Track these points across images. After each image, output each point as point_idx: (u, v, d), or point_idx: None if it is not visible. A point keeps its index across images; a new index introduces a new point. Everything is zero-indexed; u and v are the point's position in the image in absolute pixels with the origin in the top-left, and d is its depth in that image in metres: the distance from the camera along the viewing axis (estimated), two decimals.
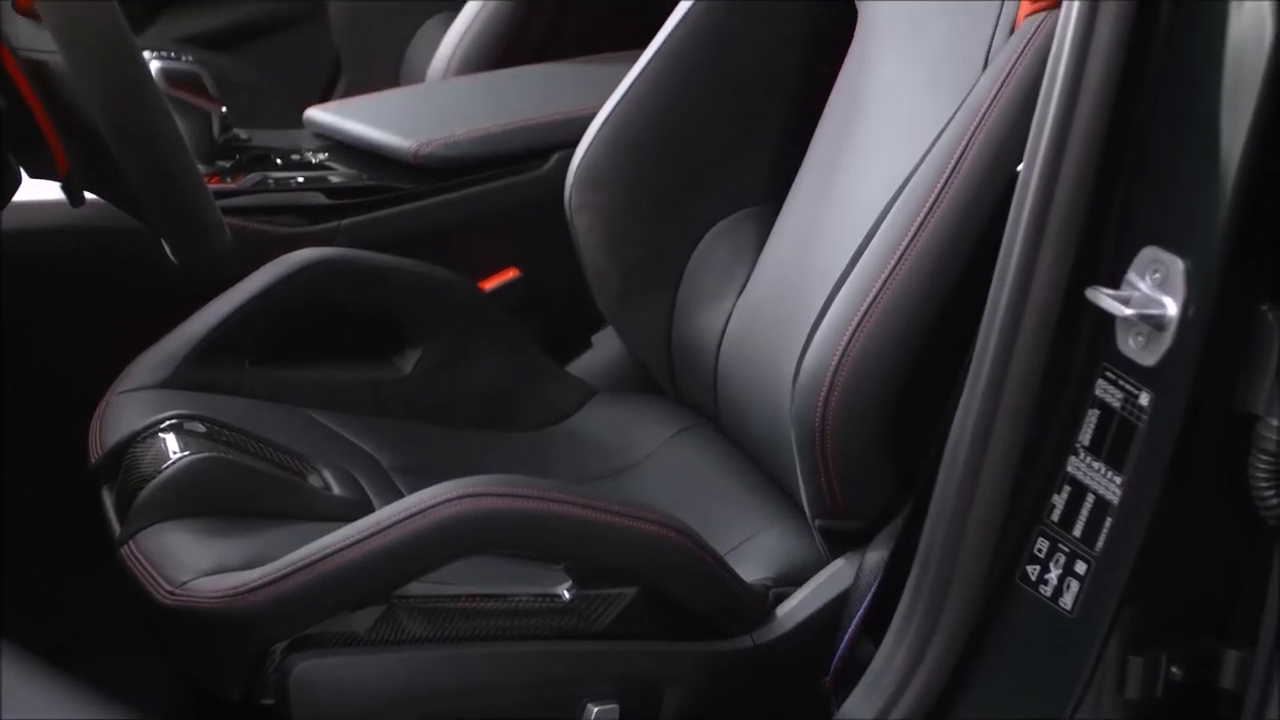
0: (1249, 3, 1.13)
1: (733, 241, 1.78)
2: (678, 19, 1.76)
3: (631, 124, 1.76)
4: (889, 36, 1.65)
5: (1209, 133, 1.15)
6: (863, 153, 1.64)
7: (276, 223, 1.94)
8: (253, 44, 2.87)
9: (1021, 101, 1.38)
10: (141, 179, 1.27)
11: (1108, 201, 1.22)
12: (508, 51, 2.34)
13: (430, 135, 2.03)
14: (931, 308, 1.42)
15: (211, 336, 1.68)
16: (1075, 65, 1.21)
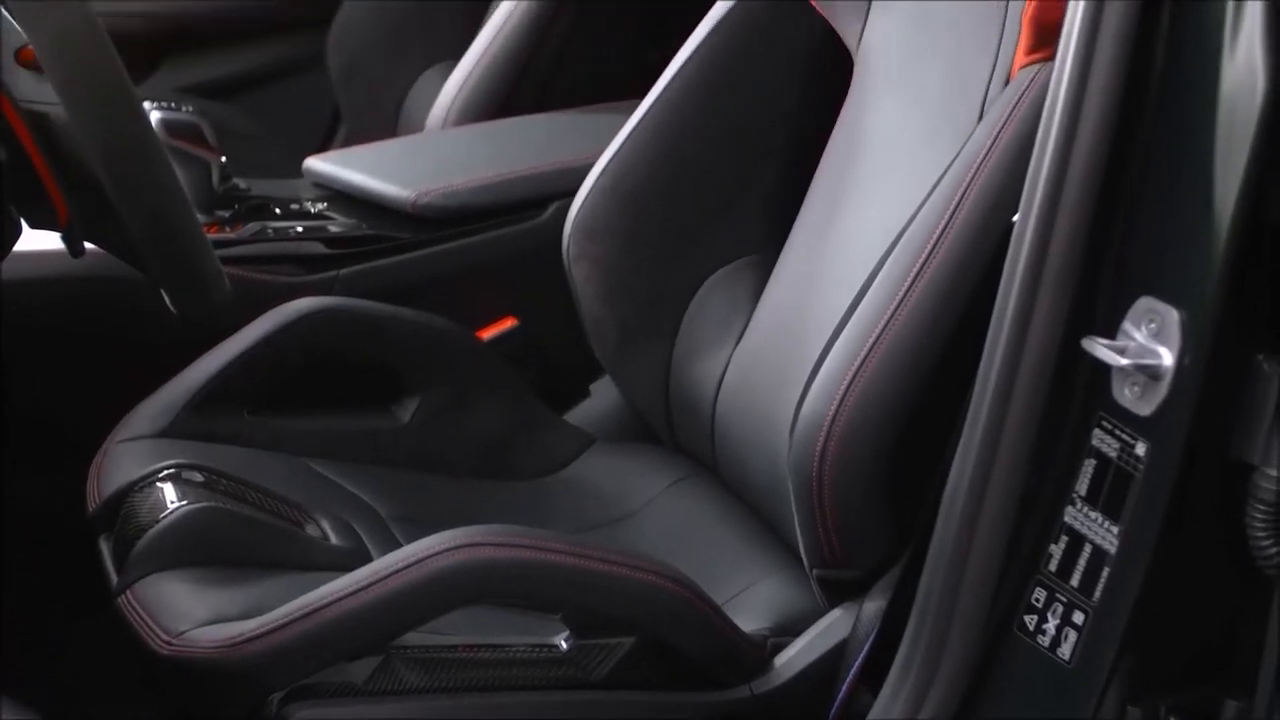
0: (1241, 54, 1.14)
1: (730, 290, 1.79)
2: (675, 68, 1.77)
3: (629, 173, 1.77)
4: (885, 86, 1.66)
5: (1203, 183, 1.16)
6: (859, 202, 1.65)
7: (275, 272, 1.94)
8: (252, 93, 2.88)
9: (1017, 152, 1.39)
10: (142, 230, 1.28)
11: (1103, 252, 1.22)
12: (506, 101, 2.35)
13: (429, 185, 2.04)
14: (928, 357, 1.42)
15: (210, 385, 1.69)
16: (1070, 116, 1.22)
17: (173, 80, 2.81)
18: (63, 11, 1.22)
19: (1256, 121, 1.12)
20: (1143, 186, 1.21)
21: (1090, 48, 1.21)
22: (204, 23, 2.87)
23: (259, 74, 2.90)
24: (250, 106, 2.85)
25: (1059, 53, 1.23)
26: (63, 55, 1.23)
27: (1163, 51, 1.20)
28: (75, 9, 1.23)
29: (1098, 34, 1.20)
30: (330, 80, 2.77)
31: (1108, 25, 1.20)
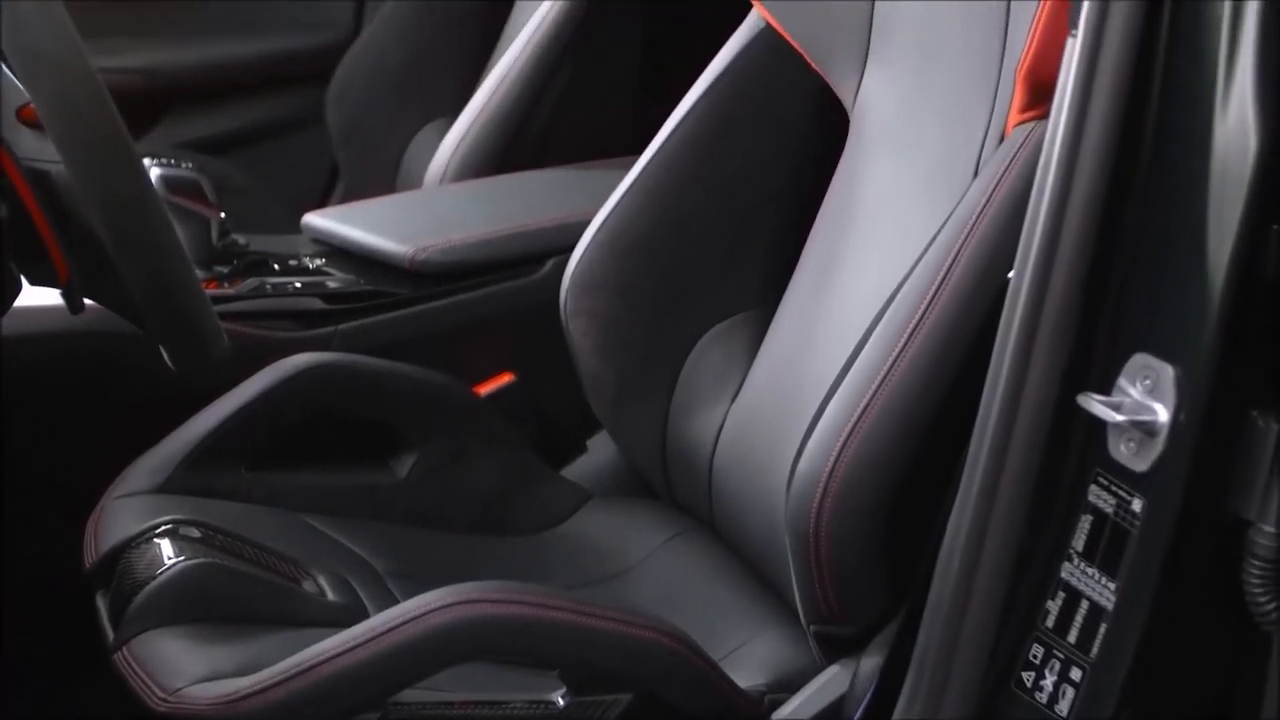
0: (1232, 112, 1.14)
1: (728, 346, 1.79)
2: (672, 125, 1.78)
3: (627, 229, 1.78)
4: (881, 143, 1.67)
5: (1197, 239, 1.17)
6: (856, 258, 1.66)
7: (273, 327, 1.95)
8: (251, 148, 2.90)
9: (1012, 209, 1.40)
10: (141, 287, 1.29)
11: (1098, 308, 1.23)
12: (504, 157, 2.36)
13: (427, 241, 2.05)
14: (925, 413, 1.42)
15: (208, 441, 1.69)
16: (1064, 174, 1.23)
17: (173, 135, 2.83)
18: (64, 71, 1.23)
19: (1249, 178, 1.13)
20: (1137, 243, 1.22)
21: (1084, 105, 1.22)
22: (204, 79, 2.88)
23: (258, 129, 2.92)
24: (249, 162, 2.86)
25: (1053, 111, 1.24)
26: (64, 114, 1.24)
27: (1155, 109, 1.21)
28: (77, 68, 1.23)
29: (1091, 92, 1.21)
30: (329, 136, 2.78)
31: (1101, 84, 1.21)
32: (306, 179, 2.87)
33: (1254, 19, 1.15)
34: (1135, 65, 1.21)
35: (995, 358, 1.26)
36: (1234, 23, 1.15)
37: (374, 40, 2.76)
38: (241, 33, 2.93)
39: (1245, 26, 1.15)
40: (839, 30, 1.69)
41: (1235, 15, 1.15)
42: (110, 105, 1.25)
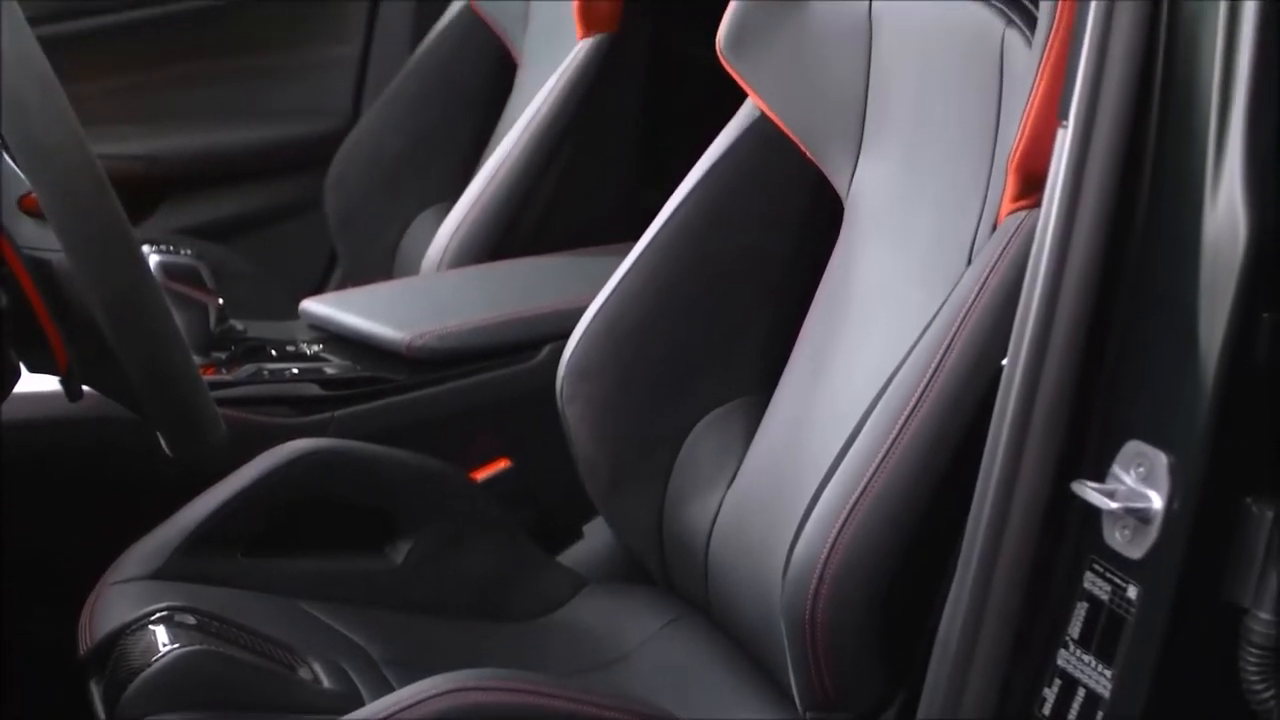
0: (1222, 201, 1.16)
1: (723, 431, 1.80)
2: (668, 212, 1.79)
3: (623, 316, 1.78)
4: (875, 231, 1.68)
5: (1188, 326, 1.17)
6: (851, 345, 1.67)
7: (270, 413, 1.95)
8: (250, 234, 2.92)
9: (1005, 297, 1.40)
10: (139, 375, 1.29)
11: (1091, 395, 1.24)
12: (501, 244, 2.38)
13: (424, 327, 2.06)
14: (920, 500, 1.43)
15: (204, 527, 1.69)
16: (1056, 262, 1.24)
17: (172, 221, 2.84)
18: (66, 161, 1.25)
19: (1239, 266, 1.14)
20: (1129, 331, 1.23)
21: (1075, 195, 1.23)
22: (203, 165, 2.91)
23: (257, 216, 2.94)
24: (247, 248, 2.88)
25: (1044, 200, 1.26)
26: (65, 204, 1.25)
27: (1146, 198, 1.22)
28: (78, 158, 1.25)
29: (1082, 182, 1.23)
30: (327, 222, 2.79)
31: (1091, 174, 1.22)
32: (304, 265, 2.89)
33: (1242, 109, 1.16)
34: (1125, 155, 1.23)
35: (989, 444, 1.26)
36: (1222, 113, 1.17)
37: (372, 127, 2.78)
38: (241, 120, 2.96)
39: (1233, 117, 1.16)
40: (833, 119, 1.71)
41: (1223, 106, 1.17)
42: (111, 195, 1.26)
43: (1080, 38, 1.24)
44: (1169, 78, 1.21)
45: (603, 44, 2.41)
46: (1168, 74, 1.22)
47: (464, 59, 2.75)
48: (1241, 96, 1.16)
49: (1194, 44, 1.20)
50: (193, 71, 2.95)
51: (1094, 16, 1.23)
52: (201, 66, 2.96)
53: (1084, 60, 1.23)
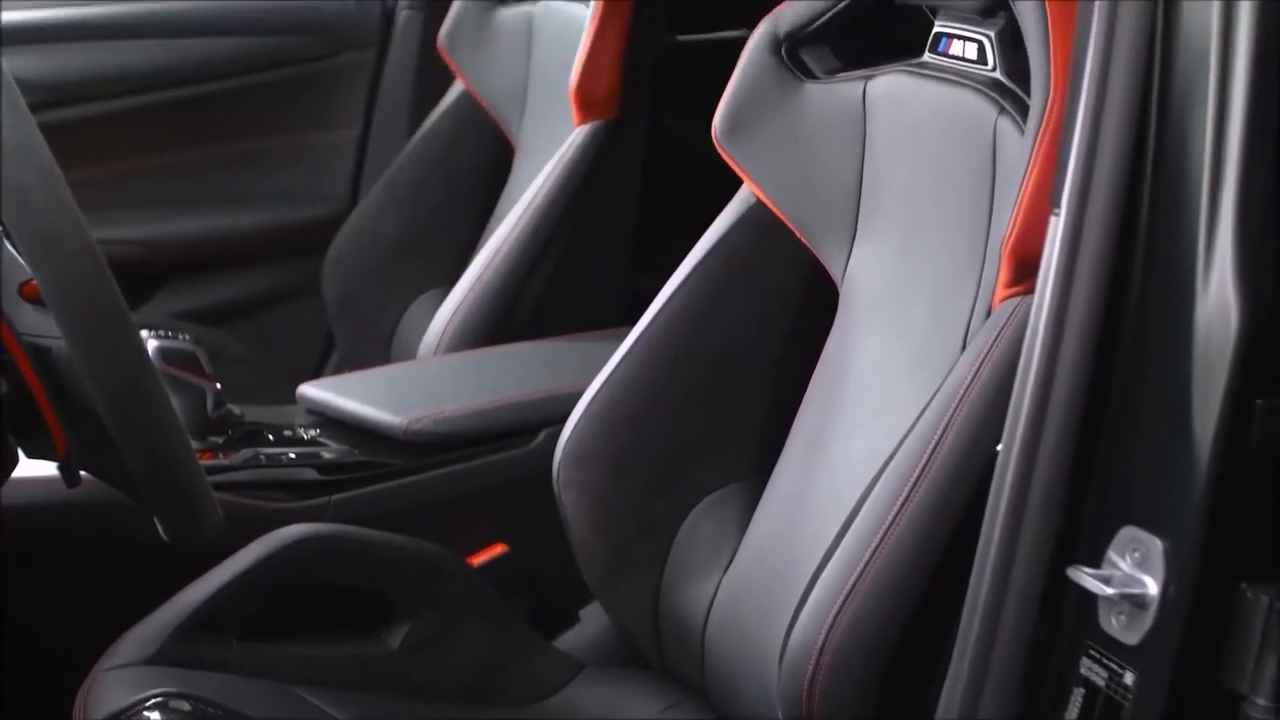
0: (1214, 287, 1.17)
1: (720, 516, 1.80)
2: (664, 298, 1.80)
3: (619, 401, 1.79)
4: (869, 317, 1.69)
5: (1182, 413, 1.18)
6: (845, 431, 1.67)
7: (267, 498, 1.95)
8: (248, 318, 2.93)
9: (999, 382, 1.41)
10: (137, 461, 1.30)
11: (1086, 481, 1.24)
12: (498, 328, 2.39)
13: (421, 412, 2.06)
14: (916, 585, 1.43)
15: (200, 613, 1.68)
16: (1050, 348, 1.24)
17: (170, 306, 2.85)
18: (67, 249, 1.25)
19: (1231, 353, 1.15)
20: (1122, 417, 1.23)
21: (1068, 282, 1.24)
22: (202, 250, 2.92)
23: (255, 300, 2.95)
24: (245, 331, 2.89)
25: (1038, 286, 1.27)
26: (66, 292, 1.26)
27: (1138, 285, 1.23)
28: (80, 246, 1.26)
29: (1074, 269, 1.24)
30: (324, 307, 2.80)
31: (1084, 261, 1.23)
32: (302, 349, 2.89)
33: (1232, 196, 1.17)
34: (1117, 242, 1.24)
35: (985, 530, 1.27)
36: (1212, 200, 1.18)
37: (370, 212, 2.80)
38: (240, 204, 2.98)
39: (1223, 204, 1.17)
40: (828, 205, 1.72)
41: (1213, 193, 1.18)
42: (112, 283, 1.27)
43: (1072, 126, 1.26)
44: (1159, 165, 1.23)
45: (599, 130, 2.43)
46: (1158, 161, 1.23)
47: (462, 144, 2.78)
48: (1231, 184, 1.17)
49: (1184, 132, 1.21)
50: (192, 157, 2.97)
51: (1085, 105, 1.24)
52: (201, 152, 2.98)
53: (1075, 148, 1.25)
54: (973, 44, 1.58)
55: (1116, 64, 1.24)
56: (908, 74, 1.65)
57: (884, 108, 1.67)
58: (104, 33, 2.93)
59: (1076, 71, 1.26)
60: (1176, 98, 1.22)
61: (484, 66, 2.74)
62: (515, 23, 2.71)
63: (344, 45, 3.00)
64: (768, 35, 1.75)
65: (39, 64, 2.80)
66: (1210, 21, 1.19)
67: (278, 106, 3.00)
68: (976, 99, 1.55)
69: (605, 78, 2.42)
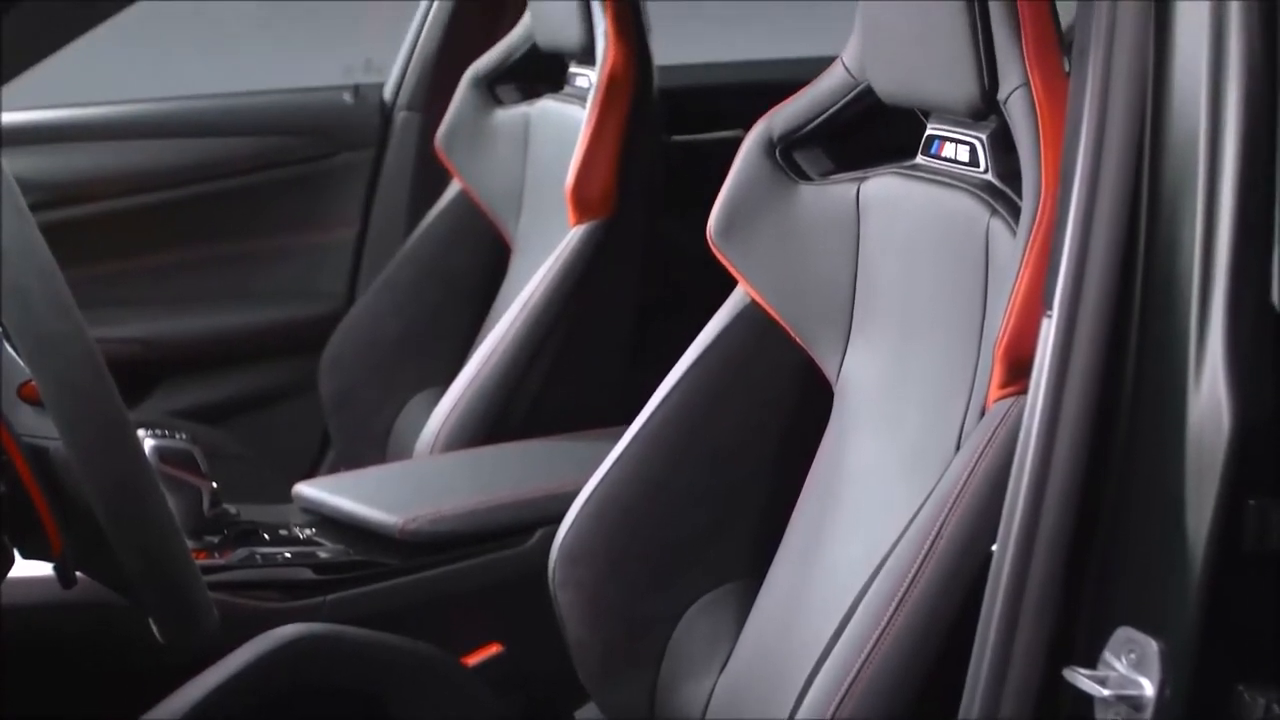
0: (1205, 387, 1.17)
1: (715, 616, 1.79)
2: (660, 396, 1.80)
3: (615, 501, 1.79)
4: (864, 417, 1.69)
5: (1175, 514, 1.18)
6: (842, 530, 1.67)
7: (262, 598, 1.95)
8: (244, 416, 2.93)
9: (994, 482, 1.41)
10: (133, 563, 1.30)
11: (1080, 582, 1.24)
12: (494, 426, 2.39)
13: (417, 511, 2.06)
14: (911, 686, 1.42)
15: (194, 714, 1.67)
16: (1043, 449, 1.25)
17: (167, 403, 2.86)
18: (67, 351, 1.26)
19: (1224, 454, 1.16)
20: (1117, 517, 1.24)
21: (1060, 383, 1.25)
22: (199, 348, 2.93)
23: (251, 398, 2.95)
24: (242, 430, 2.89)
25: (1031, 387, 1.28)
26: (65, 394, 1.26)
27: (1130, 386, 1.24)
28: (79, 349, 1.26)
29: (1067, 370, 1.25)
30: (321, 404, 2.81)
31: (1076, 362, 1.24)
32: (298, 447, 2.90)
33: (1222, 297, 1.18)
34: (1109, 343, 1.25)
35: (980, 631, 1.27)
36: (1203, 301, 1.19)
37: (368, 310, 2.81)
38: (237, 302, 2.99)
39: (1214, 305, 1.18)
40: (822, 306, 1.73)
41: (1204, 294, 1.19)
42: (111, 386, 1.27)
43: (1063, 229, 1.27)
44: (1150, 267, 1.24)
45: (595, 230, 2.44)
46: (1149, 263, 1.24)
47: (459, 243, 2.79)
48: (1221, 285, 1.19)
49: (1174, 234, 1.22)
50: (191, 255, 2.99)
51: (1076, 208, 1.26)
52: (199, 250, 3.00)
53: (1067, 250, 1.26)
54: (965, 146, 1.60)
55: (1106, 167, 1.25)
56: (901, 176, 1.66)
57: (877, 209, 1.68)
58: (104, 133, 2.96)
59: (1067, 175, 1.28)
60: (1166, 200, 1.23)
61: (481, 167, 2.76)
62: (512, 123, 2.73)
63: (342, 145, 3.03)
64: (762, 137, 1.76)
65: (39, 164, 2.83)
66: (1198, 124, 1.21)
67: (276, 206, 3.03)
68: (969, 201, 1.56)
69: (601, 178, 2.45)
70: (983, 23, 1.51)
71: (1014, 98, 1.49)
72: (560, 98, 2.66)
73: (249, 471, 2.67)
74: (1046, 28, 1.50)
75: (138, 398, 2.82)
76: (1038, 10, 1.50)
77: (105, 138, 2.95)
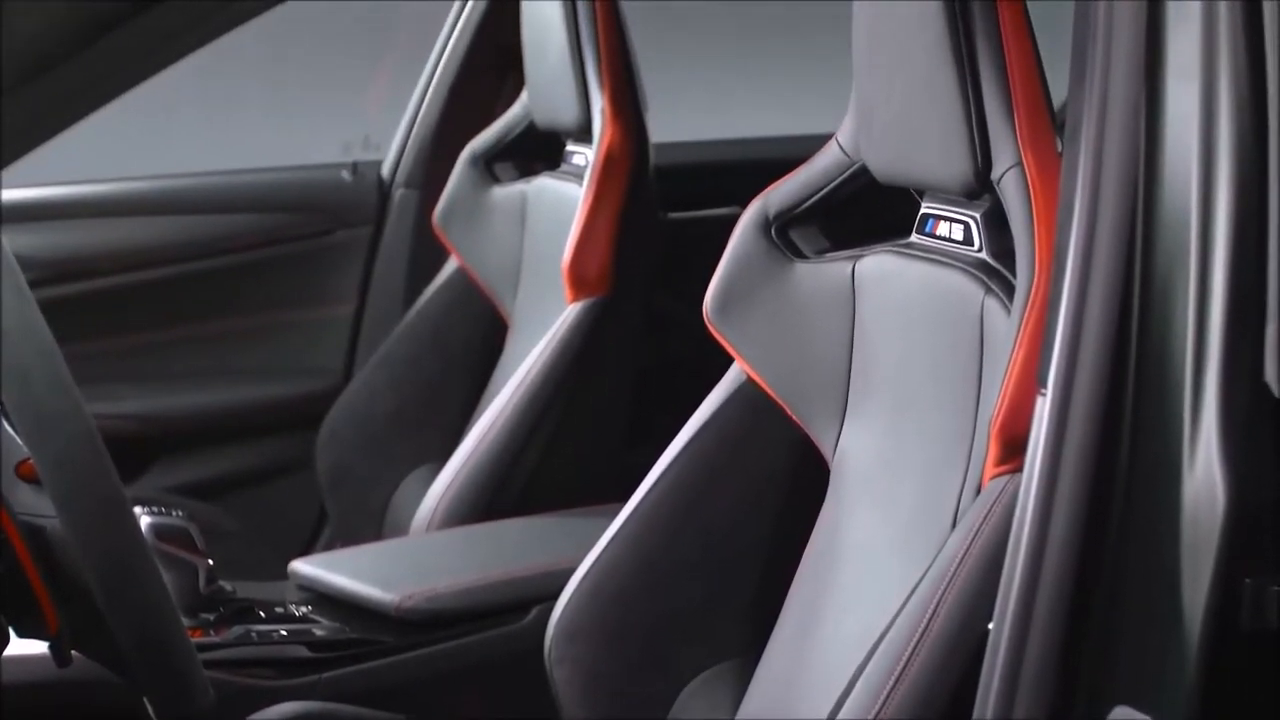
0: (1200, 467, 1.18)
1: (712, 693, 1.79)
2: (656, 474, 1.80)
3: (611, 578, 1.79)
4: (860, 495, 1.69)
5: (1172, 592, 1.18)
6: (839, 607, 1.67)
7: (257, 675, 1.94)
8: (240, 492, 2.93)
9: (989, 561, 1.41)
10: (129, 642, 1.30)
11: (1077, 660, 1.24)
12: (490, 504, 2.39)
13: (413, 588, 2.06)
14: None
15: None
16: (1039, 527, 1.25)
17: (163, 480, 2.86)
18: (66, 431, 1.27)
19: (1219, 533, 1.16)
20: (1113, 596, 1.24)
21: (1055, 461, 1.25)
22: (195, 424, 2.93)
23: (248, 474, 2.95)
24: (238, 506, 2.89)
25: (1026, 465, 1.28)
26: (64, 473, 1.27)
27: (1125, 465, 1.24)
28: (78, 429, 1.27)
29: (1062, 448, 1.25)
30: (318, 481, 2.81)
31: (1071, 441, 1.25)
32: (294, 524, 2.89)
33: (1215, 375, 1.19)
34: (1104, 422, 1.25)
35: (978, 709, 1.26)
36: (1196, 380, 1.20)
37: (365, 386, 2.81)
38: (234, 379, 2.99)
39: (1207, 383, 1.19)
40: (818, 384, 1.74)
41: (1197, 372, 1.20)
42: (109, 465, 1.28)
43: (1057, 307, 1.28)
44: (1144, 345, 1.25)
45: (592, 308, 2.45)
46: (1142, 341, 1.25)
47: (456, 320, 2.80)
48: (1214, 363, 1.19)
49: (1167, 312, 1.23)
50: (188, 332, 3.00)
51: (1069, 287, 1.27)
52: (197, 327, 3.00)
53: (1061, 329, 1.27)
54: (959, 225, 1.61)
55: (1099, 246, 1.26)
56: (896, 254, 1.67)
57: (873, 287, 1.69)
58: (103, 209, 2.97)
59: (1060, 253, 1.29)
60: (1159, 279, 1.24)
61: (478, 244, 2.78)
62: (509, 201, 2.75)
63: (340, 222, 3.05)
64: (758, 216, 1.77)
65: (39, 240, 2.84)
66: (1189, 203, 1.22)
67: (274, 282, 3.04)
68: (963, 279, 1.57)
69: (598, 256, 2.46)
70: (976, 103, 1.52)
71: (1007, 177, 1.50)
72: (557, 175, 2.68)
73: (245, 548, 2.67)
74: (1039, 107, 1.51)
75: (134, 474, 2.82)
76: (1030, 90, 1.51)
77: (104, 214, 2.97)
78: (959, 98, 1.52)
